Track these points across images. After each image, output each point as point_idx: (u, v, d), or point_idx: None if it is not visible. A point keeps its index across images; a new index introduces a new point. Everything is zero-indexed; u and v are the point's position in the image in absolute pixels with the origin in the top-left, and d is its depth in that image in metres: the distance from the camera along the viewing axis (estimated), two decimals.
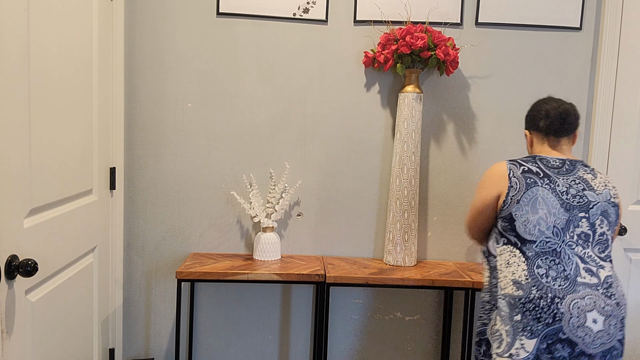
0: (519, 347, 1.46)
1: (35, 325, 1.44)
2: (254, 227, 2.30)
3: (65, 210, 1.62)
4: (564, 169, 1.58)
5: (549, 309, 1.45)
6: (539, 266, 1.50)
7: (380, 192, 2.30)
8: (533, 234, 1.51)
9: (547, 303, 1.45)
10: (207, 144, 2.24)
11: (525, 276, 1.50)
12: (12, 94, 1.27)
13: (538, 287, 1.47)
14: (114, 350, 2.19)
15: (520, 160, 1.60)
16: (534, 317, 1.46)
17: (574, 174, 1.57)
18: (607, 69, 2.24)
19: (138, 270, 2.27)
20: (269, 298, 2.33)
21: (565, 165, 1.59)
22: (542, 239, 1.51)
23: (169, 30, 2.18)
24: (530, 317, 1.46)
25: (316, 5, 2.20)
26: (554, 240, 1.51)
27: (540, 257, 1.50)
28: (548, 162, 1.59)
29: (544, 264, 1.50)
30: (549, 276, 1.48)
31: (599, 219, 1.54)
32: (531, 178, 1.54)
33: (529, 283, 1.48)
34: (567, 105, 1.63)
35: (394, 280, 2.02)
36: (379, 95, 2.26)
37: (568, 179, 1.56)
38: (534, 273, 1.49)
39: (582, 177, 1.57)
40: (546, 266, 1.49)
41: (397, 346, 2.38)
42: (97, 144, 1.89)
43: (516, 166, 1.58)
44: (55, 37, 1.50)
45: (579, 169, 1.59)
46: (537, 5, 2.22)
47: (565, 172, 1.57)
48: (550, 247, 1.51)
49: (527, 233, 1.52)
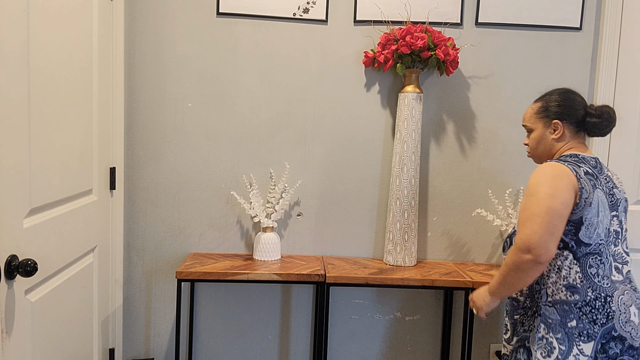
0: (578, 354, 1.43)
1: (35, 325, 1.44)
2: (254, 227, 2.30)
3: (65, 210, 1.62)
4: (598, 168, 1.53)
5: (603, 308, 1.44)
6: (590, 266, 1.46)
7: (380, 192, 2.30)
8: (592, 237, 1.45)
9: (601, 303, 1.44)
10: (207, 144, 2.24)
11: (580, 278, 1.45)
12: (12, 94, 1.27)
13: (593, 288, 1.44)
14: (114, 350, 2.19)
15: (572, 161, 1.50)
16: (590, 319, 1.43)
17: (604, 173, 1.53)
18: (607, 69, 2.24)
19: (138, 270, 2.27)
20: (269, 298, 2.33)
21: (598, 164, 1.54)
22: (597, 242, 1.46)
23: (169, 30, 2.18)
24: (587, 320, 1.43)
25: (316, 5, 2.20)
26: (604, 242, 1.48)
27: (589, 257, 1.46)
28: (589, 162, 1.52)
29: (594, 263, 1.46)
30: (599, 275, 1.46)
31: (623, 216, 1.54)
32: (592, 180, 1.47)
33: (584, 285, 1.45)
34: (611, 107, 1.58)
35: (394, 280, 2.02)
36: (379, 95, 2.26)
37: (603, 179, 1.52)
38: (587, 274, 1.45)
39: (609, 176, 1.54)
40: (596, 265, 1.46)
41: (397, 346, 2.38)
42: (97, 144, 1.89)
43: (576, 167, 1.47)
44: (55, 37, 1.50)
45: (603, 167, 1.56)
46: (537, 5, 2.22)
47: (599, 171, 1.52)
48: (599, 249, 1.47)
49: (587, 237, 1.45)
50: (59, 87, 1.54)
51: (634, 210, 2.29)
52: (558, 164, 1.47)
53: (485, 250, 2.34)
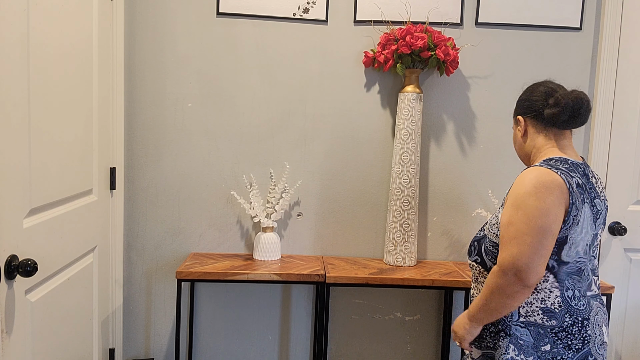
0: None
1: (35, 325, 1.44)
2: (254, 227, 2.30)
3: (65, 210, 1.62)
4: (586, 176, 1.35)
5: (579, 333, 1.32)
6: (567, 288, 1.32)
7: (380, 192, 2.30)
8: (571, 255, 1.31)
9: (578, 328, 1.32)
10: (207, 144, 2.24)
11: (558, 303, 1.32)
12: (12, 94, 1.27)
13: (570, 313, 1.32)
14: (114, 350, 2.19)
15: (564, 169, 1.31)
16: (565, 345, 1.31)
17: (590, 182, 1.36)
18: (607, 69, 2.24)
19: (138, 270, 2.27)
20: (269, 298, 2.33)
21: (586, 170, 1.37)
22: (575, 260, 1.32)
23: (169, 30, 2.18)
24: (562, 345, 1.31)
25: (316, 5, 2.20)
26: (583, 260, 1.34)
27: (568, 278, 1.33)
28: (578, 169, 1.34)
29: (570, 285, 1.33)
30: (576, 297, 1.33)
31: (601, 228, 1.40)
32: (582, 194, 1.30)
33: (562, 310, 1.32)
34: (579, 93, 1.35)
35: (394, 280, 2.02)
36: (379, 95, 2.26)
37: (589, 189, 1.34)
38: (565, 297, 1.32)
39: (592, 184, 1.36)
40: (572, 287, 1.33)
41: (397, 346, 2.38)
42: (97, 143, 1.89)
43: (569, 178, 1.29)
44: (55, 37, 1.50)
45: (589, 173, 1.38)
46: (537, 6, 2.22)
47: (587, 180, 1.34)
48: (578, 266, 1.33)
49: (567, 255, 1.31)
50: (58, 87, 1.54)
51: (634, 210, 2.29)
52: (549, 171, 1.28)
53: None
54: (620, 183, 2.27)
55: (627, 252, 2.30)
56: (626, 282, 2.31)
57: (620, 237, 2.28)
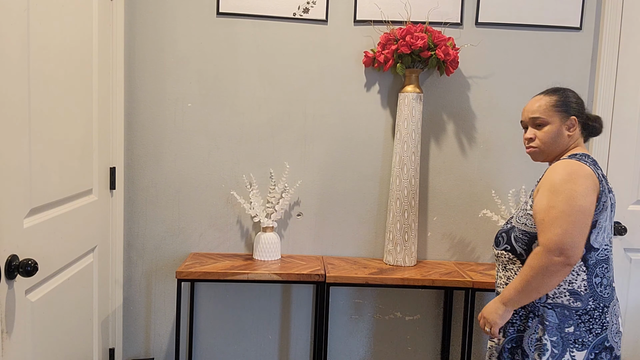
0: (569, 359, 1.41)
1: (35, 325, 1.44)
2: (254, 227, 2.30)
3: (65, 210, 1.62)
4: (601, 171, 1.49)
5: (600, 319, 1.42)
6: (597, 275, 1.43)
7: (380, 192, 2.30)
8: (599, 241, 1.42)
9: (599, 313, 1.42)
10: (207, 144, 2.24)
11: (584, 287, 1.42)
12: (12, 94, 1.27)
13: (594, 298, 1.42)
14: (114, 350, 2.19)
15: (590, 162, 1.44)
16: (587, 328, 1.42)
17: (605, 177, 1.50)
18: (607, 69, 2.24)
19: (138, 270, 2.27)
20: (269, 298, 2.33)
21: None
22: (603, 247, 1.43)
23: (169, 30, 2.18)
24: (584, 328, 1.42)
25: (316, 5, 2.20)
26: (609, 247, 1.45)
27: (598, 265, 1.43)
28: (597, 163, 1.49)
29: (600, 273, 1.43)
30: (602, 285, 1.44)
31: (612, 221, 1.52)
32: (607, 183, 1.45)
33: (587, 294, 1.42)
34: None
35: (394, 280, 2.02)
36: (379, 95, 2.26)
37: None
38: (592, 283, 1.42)
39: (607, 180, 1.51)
40: (602, 274, 1.44)
41: (397, 346, 2.38)
42: (97, 143, 1.89)
43: (596, 169, 1.43)
44: (55, 37, 1.50)
45: None
46: (537, 5, 2.22)
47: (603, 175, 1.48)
48: (606, 254, 1.45)
49: (597, 241, 1.42)
50: (58, 87, 1.54)
51: (634, 210, 2.29)
52: (579, 163, 1.40)
53: (485, 250, 2.34)
54: (620, 183, 2.27)
55: (627, 252, 2.30)
56: (626, 282, 2.31)
57: (620, 237, 2.28)
